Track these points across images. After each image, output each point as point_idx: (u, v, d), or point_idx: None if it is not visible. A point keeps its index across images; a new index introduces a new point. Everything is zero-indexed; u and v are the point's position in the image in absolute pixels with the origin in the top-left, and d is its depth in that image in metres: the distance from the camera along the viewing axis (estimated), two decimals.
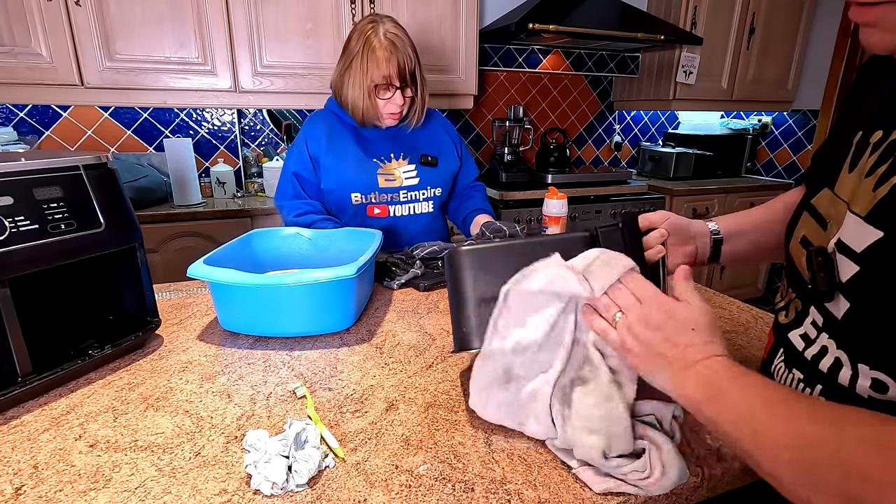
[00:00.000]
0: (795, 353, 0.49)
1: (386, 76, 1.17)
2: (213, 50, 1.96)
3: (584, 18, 2.36)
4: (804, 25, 2.87)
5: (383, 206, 1.29)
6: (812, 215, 0.49)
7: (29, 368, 0.66)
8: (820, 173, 0.50)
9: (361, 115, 1.23)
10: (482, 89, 2.71)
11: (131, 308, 0.82)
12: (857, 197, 0.42)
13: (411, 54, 1.19)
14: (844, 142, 0.47)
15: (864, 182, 0.41)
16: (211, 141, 2.36)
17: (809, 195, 0.51)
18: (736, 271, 3.01)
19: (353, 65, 1.18)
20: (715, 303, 1.00)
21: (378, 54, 1.15)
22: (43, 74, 1.78)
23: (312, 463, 0.51)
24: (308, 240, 1.06)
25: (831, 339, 0.44)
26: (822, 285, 0.43)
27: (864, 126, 0.45)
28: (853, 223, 0.41)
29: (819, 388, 0.45)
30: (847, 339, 0.42)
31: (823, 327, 0.45)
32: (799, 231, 0.51)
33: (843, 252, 0.42)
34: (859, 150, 0.44)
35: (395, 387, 0.70)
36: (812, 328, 0.47)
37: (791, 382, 0.49)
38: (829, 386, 0.44)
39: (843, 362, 0.42)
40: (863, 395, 0.41)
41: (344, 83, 1.22)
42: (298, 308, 0.81)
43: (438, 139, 1.37)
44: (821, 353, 0.45)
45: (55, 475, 0.52)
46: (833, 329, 0.44)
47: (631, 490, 0.49)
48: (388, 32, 1.16)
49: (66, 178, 0.68)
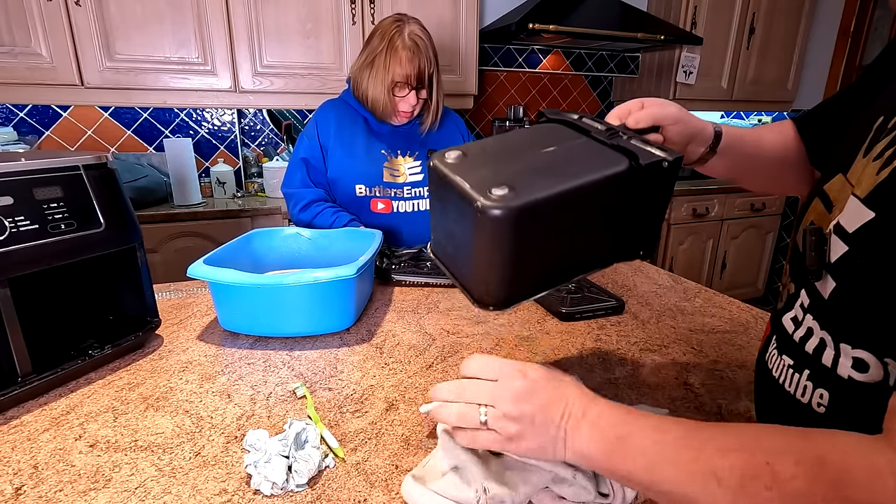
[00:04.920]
0: (787, 337, 0.49)
1: (405, 75, 1.20)
2: (213, 50, 1.96)
3: (584, 18, 2.36)
4: (804, 25, 2.87)
5: (387, 200, 1.31)
6: (822, 199, 0.48)
7: (29, 368, 0.66)
8: (837, 157, 0.49)
9: (381, 110, 1.26)
10: (482, 89, 2.71)
11: (131, 308, 0.82)
12: (861, 178, 0.41)
13: (432, 58, 1.23)
14: (863, 126, 0.46)
15: (871, 165, 0.41)
16: (211, 141, 2.36)
17: (823, 180, 0.50)
18: (736, 271, 3.01)
19: (375, 61, 1.21)
20: (715, 303, 1.00)
21: (401, 54, 1.18)
22: (43, 74, 1.79)
23: (312, 463, 0.51)
24: (308, 240, 1.06)
25: (815, 319, 0.44)
26: (811, 264, 0.43)
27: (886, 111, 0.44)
28: (853, 205, 0.41)
29: (807, 374, 0.45)
30: (831, 319, 0.42)
31: (809, 308, 0.45)
32: (808, 216, 0.50)
33: (837, 233, 0.41)
34: (877, 135, 0.43)
35: (395, 387, 0.70)
36: (800, 310, 0.47)
37: (783, 369, 0.48)
38: (815, 369, 0.44)
39: (827, 343, 0.42)
40: (843, 376, 0.40)
41: (364, 77, 1.24)
42: (298, 308, 0.81)
43: (451, 139, 1.39)
44: (807, 335, 0.45)
45: (55, 475, 0.52)
46: (818, 309, 0.44)
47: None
48: (413, 34, 1.19)
49: (66, 178, 0.68)
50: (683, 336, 0.86)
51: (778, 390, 0.48)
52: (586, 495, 0.47)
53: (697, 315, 0.94)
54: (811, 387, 0.44)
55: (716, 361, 0.77)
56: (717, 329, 0.88)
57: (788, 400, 0.46)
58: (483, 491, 0.46)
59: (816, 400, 0.43)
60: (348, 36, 2.10)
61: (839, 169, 0.47)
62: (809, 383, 0.44)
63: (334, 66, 2.13)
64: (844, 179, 0.45)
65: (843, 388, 0.40)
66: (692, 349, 0.81)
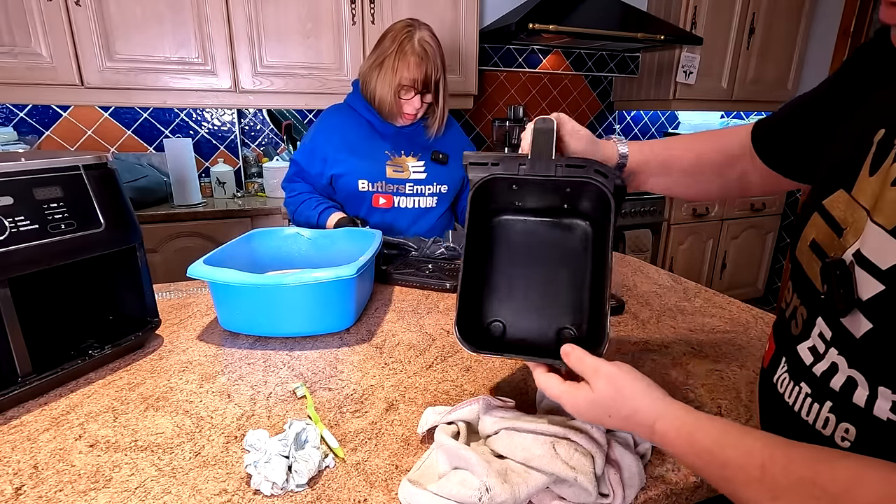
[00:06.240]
0: (802, 366, 0.46)
1: (412, 80, 1.24)
2: (213, 50, 1.96)
3: (584, 18, 2.36)
4: (804, 25, 2.87)
5: (388, 196, 1.33)
6: (824, 218, 0.45)
7: (29, 368, 0.66)
8: (830, 171, 0.47)
9: (386, 110, 1.29)
10: (482, 89, 2.71)
11: (131, 308, 0.82)
12: (881, 206, 0.39)
13: (440, 65, 1.27)
14: (861, 139, 0.44)
15: (891, 191, 0.38)
16: (211, 141, 2.36)
17: (820, 194, 0.47)
18: (736, 271, 3.01)
19: (384, 63, 1.24)
20: (715, 303, 1.00)
21: (409, 59, 1.22)
22: (43, 74, 1.78)
23: (312, 463, 0.51)
24: (308, 240, 1.06)
25: (842, 355, 0.41)
26: (839, 302, 0.40)
27: (887, 124, 0.42)
28: (877, 235, 0.38)
29: (829, 405, 0.43)
30: (866, 361, 0.40)
31: (832, 342, 0.42)
32: (808, 233, 0.48)
33: (863, 266, 0.39)
34: (882, 151, 0.41)
35: (395, 387, 0.70)
36: (820, 341, 0.44)
37: (798, 396, 0.46)
38: (841, 404, 0.41)
39: (859, 382, 0.40)
40: (881, 418, 0.38)
41: (373, 77, 1.27)
42: (298, 308, 0.81)
43: (452, 143, 1.43)
44: (831, 370, 0.42)
45: (55, 475, 0.52)
46: (846, 346, 0.41)
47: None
48: (423, 40, 1.23)
49: (66, 178, 0.68)
50: (683, 336, 0.86)
51: (791, 416, 0.46)
52: (586, 496, 0.47)
53: (697, 315, 0.94)
54: (834, 419, 0.42)
55: (716, 361, 0.77)
56: (717, 329, 0.88)
57: (804, 428, 0.45)
58: (485, 490, 0.46)
59: (841, 434, 0.41)
60: (348, 36, 2.10)
61: (838, 184, 0.44)
62: (832, 415, 0.42)
63: (334, 66, 2.13)
64: (850, 198, 0.43)
65: (879, 428, 0.38)
66: (692, 349, 0.81)
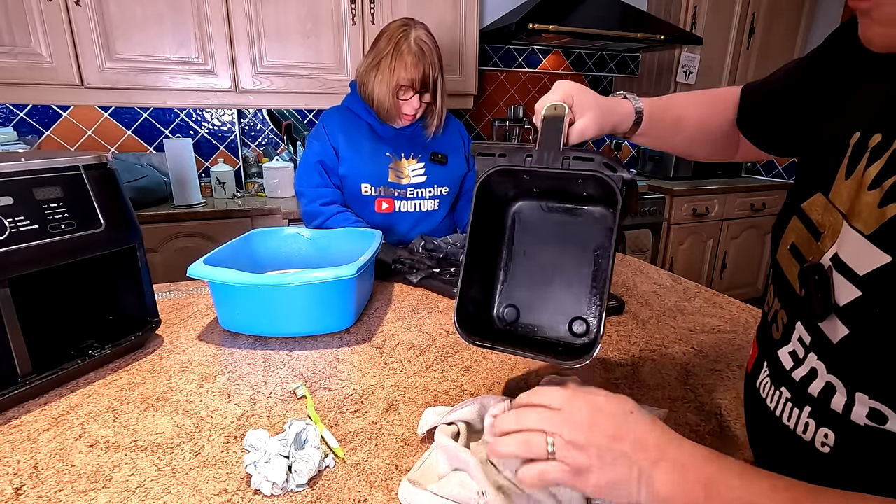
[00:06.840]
0: (782, 370, 0.46)
1: (410, 79, 1.22)
2: (213, 50, 1.96)
3: (584, 18, 2.36)
4: (804, 25, 2.87)
5: (390, 200, 1.33)
6: (802, 221, 0.45)
7: (29, 368, 0.66)
8: (809, 173, 0.47)
9: (385, 111, 1.28)
10: (482, 89, 2.71)
11: (131, 308, 0.82)
12: (857, 210, 0.38)
13: (437, 63, 1.25)
14: (837, 141, 0.43)
15: (867, 194, 0.38)
16: (211, 141, 2.36)
17: (800, 197, 0.47)
18: (736, 271, 3.01)
19: (381, 64, 1.23)
20: (715, 303, 1.00)
21: (406, 58, 1.20)
22: (43, 74, 1.79)
23: (312, 463, 0.51)
24: (308, 240, 1.06)
25: (820, 360, 0.41)
26: (817, 307, 0.40)
27: (862, 127, 0.41)
28: (854, 240, 0.38)
29: (808, 411, 0.42)
30: (843, 366, 0.39)
31: (811, 347, 0.42)
32: (788, 237, 0.47)
33: (841, 271, 0.38)
34: (856, 154, 0.40)
35: (395, 387, 0.70)
36: (800, 346, 0.44)
37: (778, 401, 0.46)
38: (820, 410, 0.41)
39: (837, 388, 0.39)
40: (858, 423, 0.38)
41: (370, 78, 1.26)
42: (298, 308, 0.81)
43: (451, 141, 1.42)
44: (810, 376, 0.42)
45: (55, 475, 0.52)
46: (824, 351, 0.41)
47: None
48: (419, 39, 1.21)
49: (66, 178, 0.68)
50: (683, 336, 0.86)
51: (773, 421, 0.46)
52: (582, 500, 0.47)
53: (697, 315, 0.94)
54: (813, 425, 0.41)
55: (716, 361, 0.77)
56: (717, 329, 0.88)
57: (786, 433, 0.44)
58: (482, 495, 0.46)
59: (820, 439, 0.41)
60: (348, 36, 2.11)
61: (816, 187, 0.44)
62: (811, 420, 0.42)
63: (334, 66, 2.14)
64: (827, 201, 0.42)
65: (857, 434, 0.38)
66: (692, 349, 0.81)
